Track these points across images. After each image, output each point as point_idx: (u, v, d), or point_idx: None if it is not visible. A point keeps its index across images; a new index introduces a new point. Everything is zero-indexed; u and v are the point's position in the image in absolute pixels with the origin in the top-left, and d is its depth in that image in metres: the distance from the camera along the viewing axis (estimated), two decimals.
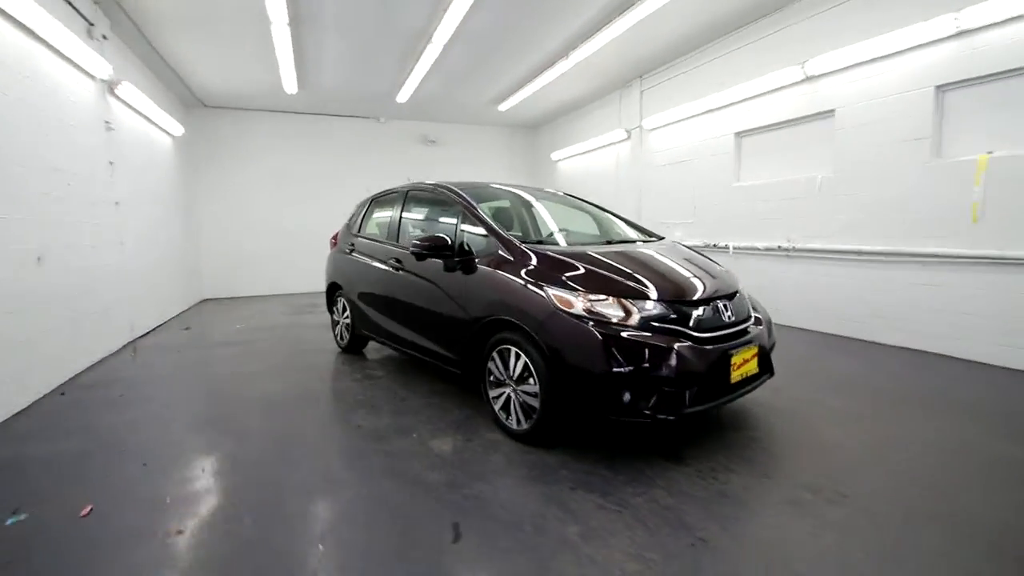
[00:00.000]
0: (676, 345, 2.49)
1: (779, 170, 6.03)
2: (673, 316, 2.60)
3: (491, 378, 3.06)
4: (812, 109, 5.47)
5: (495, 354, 2.99)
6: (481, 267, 3.14)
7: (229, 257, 9.63)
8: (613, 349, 2.45)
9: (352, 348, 5.02)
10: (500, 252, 3.09)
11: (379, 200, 4.90)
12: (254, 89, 8.32)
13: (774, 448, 2.77)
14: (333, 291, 5.24)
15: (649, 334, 2.51)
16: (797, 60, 5.47)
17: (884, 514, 2.12)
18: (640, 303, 2.60)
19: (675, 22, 6.04)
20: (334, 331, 5.32)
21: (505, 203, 4.08)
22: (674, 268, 3.01)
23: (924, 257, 4.56)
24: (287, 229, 9.95)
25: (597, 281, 2.70)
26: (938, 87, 4.40)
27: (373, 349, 5.23)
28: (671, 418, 2.46)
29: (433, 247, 3.32)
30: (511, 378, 2.89)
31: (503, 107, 9.30)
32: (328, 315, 5.64)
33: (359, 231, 4.92)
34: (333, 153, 10.19)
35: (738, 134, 6.43)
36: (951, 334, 4.41)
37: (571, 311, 2.59)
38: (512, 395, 2.91)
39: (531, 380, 2.75)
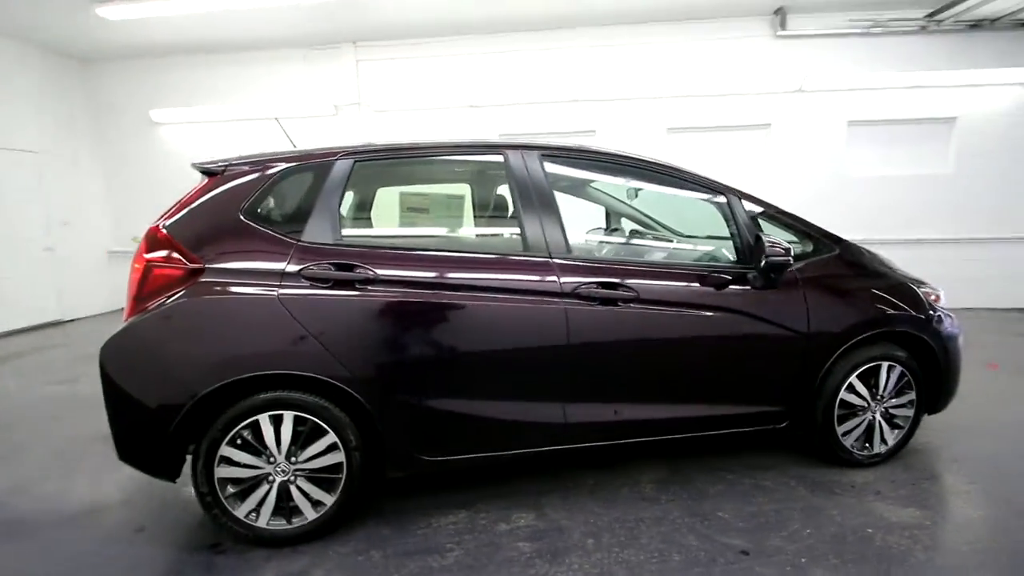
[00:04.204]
0: None
1: None
2: None
3: (842, 412, 2.49)
4: (577, 127, 6.49)
5: (854, 379, 2.47)
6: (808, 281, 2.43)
7: None
8: None
9: (331, 525, 2.07)
10: (842, 249, 2.53)
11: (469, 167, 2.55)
12: None
13: None
14: (208, 409, 1.90)
15: None
16: (566, 80, 6.33)
17: None
18: None
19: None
20: (236, 523, 1.96)
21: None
22: None
23: None
24: None
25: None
26: (668, 128, 6.45)
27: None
28: None
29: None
30: (877, 398, 2.52)
31: (109, 12, 5.02)
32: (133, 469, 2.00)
33: (344, 233, 2.08)
34: None
35: (502, 135, 6.60)
36: None
37: (939, 302, 2.63)
38: (877, 418, 2.54)
39: (885, 393, 2.54)
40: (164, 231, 1.97)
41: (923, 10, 5.61)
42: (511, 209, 2.43)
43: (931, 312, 2.56)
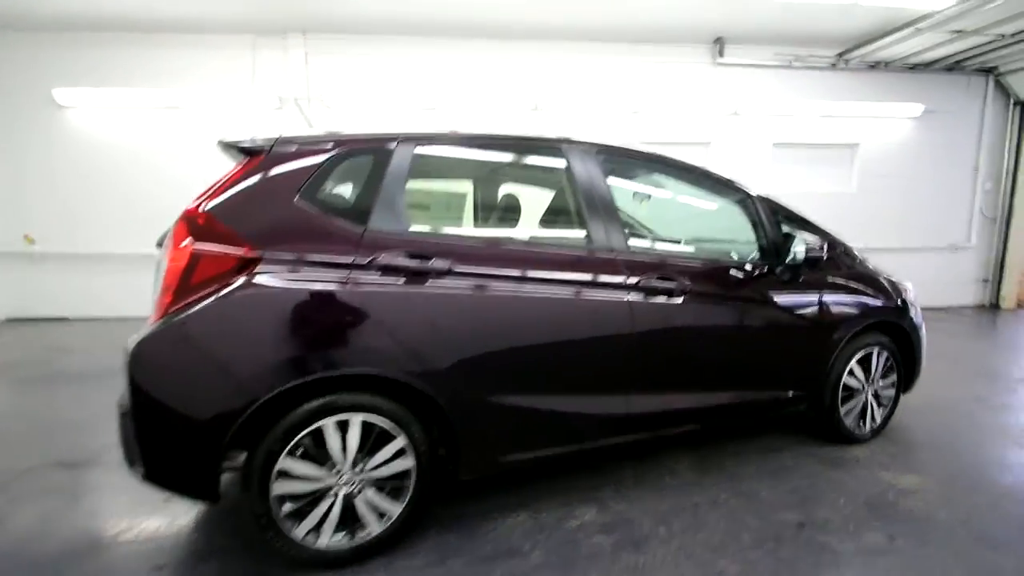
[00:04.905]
0: None
1: None
2: None
3: (844, 394, 2.76)
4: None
5: (854, 364, 2.75)
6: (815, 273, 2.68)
7: None
8: None
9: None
10: (841, 248, 2.81)
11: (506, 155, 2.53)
12: None
13: None
14: (262, 418, 1.68)
15: None
16: (526, 89, 6.44)
17: None
18: None
19: None
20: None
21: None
22: None
23: None
24: None
25: None
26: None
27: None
28: None
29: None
30: (870, 380, 2.82)
31: None
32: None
33: (410, 223, 1.96)
34: None
35: None
36: None
37: (908, 294, 2.99)
38: (869, 398, 2.84)
39: (875, 376, 2.86)
40: (208, 215, 1.72)
41: (835, 50, 6.48)
42: (522, 211, 2.44)
43: (907, 303, 2.94)
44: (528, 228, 2.55)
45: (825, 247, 2.47)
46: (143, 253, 6.25)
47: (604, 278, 2.14)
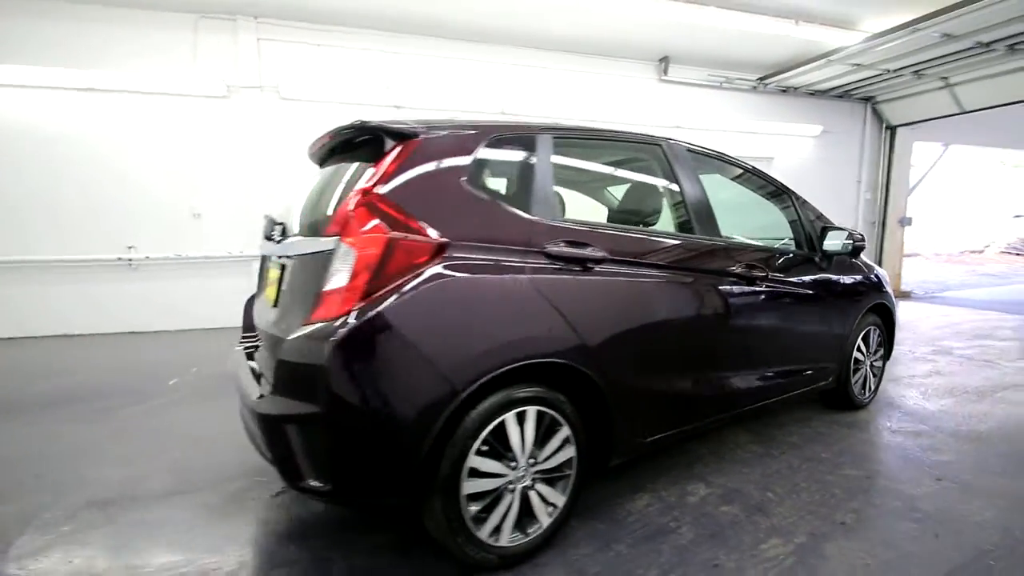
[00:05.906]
0: None
1: None
2: None
3: (854, 366, 3.20)
4: None
5: (859, 341, 3.21)
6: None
7: None
8: None
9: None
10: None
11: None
12: None
13: None
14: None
15: None
16: (491, 93, 6.48)
17: None
18: None
19: None
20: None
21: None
22: None
23: None
24: None
25: None
26: None
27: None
28: None
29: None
30: (869, 354, 3.31)
31: None
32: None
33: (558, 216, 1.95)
34: None
35: None
36: None
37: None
38: (868, 370, 3.33)
39: (873, 350, 3.37)
40: (388, 200, 1.59)
41: (757, 74, 7.41)
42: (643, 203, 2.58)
43: (881, 282, 3.48)
44: (654, 221, 2.63)
45: (864, 237, 2.90)
46: (58, 259, 5.27)
47: (720, 265, 2.33)
